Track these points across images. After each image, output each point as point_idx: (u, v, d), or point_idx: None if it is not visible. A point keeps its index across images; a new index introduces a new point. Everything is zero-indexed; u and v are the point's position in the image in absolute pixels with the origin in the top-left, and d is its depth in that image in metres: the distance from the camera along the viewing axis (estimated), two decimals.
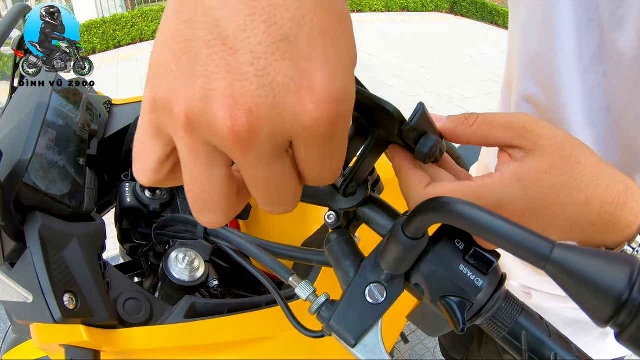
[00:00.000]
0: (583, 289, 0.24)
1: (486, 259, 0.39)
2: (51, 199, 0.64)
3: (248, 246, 0.53)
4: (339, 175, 0.38)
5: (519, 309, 0.42)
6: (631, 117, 0.51)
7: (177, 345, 0.63)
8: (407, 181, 0.41)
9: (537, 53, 0.56)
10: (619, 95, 0.51)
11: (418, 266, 0.40)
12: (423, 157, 0.38)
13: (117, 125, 0.98)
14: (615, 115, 0.52)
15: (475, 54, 6.97)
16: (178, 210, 0.87)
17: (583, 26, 0.50)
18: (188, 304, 0.67)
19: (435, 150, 0.37)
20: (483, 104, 5.12)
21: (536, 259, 0.26)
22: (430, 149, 0.37)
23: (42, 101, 0.70)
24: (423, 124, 0.36)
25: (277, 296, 0.53)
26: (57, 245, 0.62)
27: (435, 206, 0.31)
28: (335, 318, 0.42)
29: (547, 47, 0.54)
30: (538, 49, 0.56)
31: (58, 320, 0.56)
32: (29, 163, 0.60)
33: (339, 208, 0.47)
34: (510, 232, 0.27)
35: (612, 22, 0.48)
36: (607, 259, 0.24)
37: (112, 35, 7.00)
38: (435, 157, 0.39)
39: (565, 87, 0.54)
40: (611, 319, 0.24)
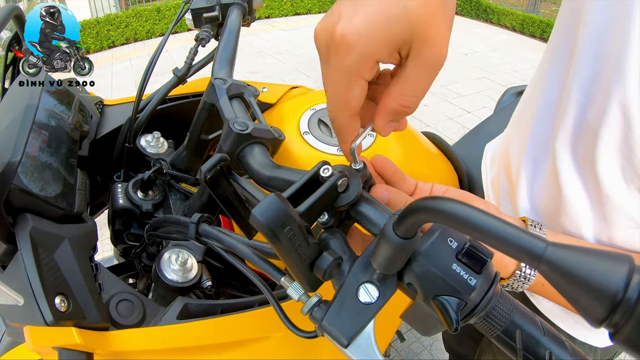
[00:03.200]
0: (577, 289, 0.24)
1: (479, 257, 0.38)
2: (42, 201, 0.64)
3: (239, 246, 0.53)
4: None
5: (513, 307, 0.41)
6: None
7: (170, 347, 0.62)
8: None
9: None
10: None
11: (410, 265, 0.40)
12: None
13: (108, 126, 0.97)
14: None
15: (469, 52, 6.98)
16: (170, 211, 0.87)
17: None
18: (181, 305, 0.67)
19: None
20: (477, 102, 5.12)
21: (529, 258, 0.25)
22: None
23: (31, 102, 0.70)
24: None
25: (270, 296, 0.52)
26: (48, 247, 0.62)
27: (427, 205, 0.31)
28: (327, 318, 0.42)
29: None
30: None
31: (50, 322, 0.55)
32: (19, 165, 0.60)
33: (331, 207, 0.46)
34: (503, 230, 0.26)
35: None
36: (602, 257, 0.24)
37: (106, 36, 6.99)
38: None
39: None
40: (605, 320, 0.23)
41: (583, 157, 0.63)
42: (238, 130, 0.58)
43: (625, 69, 0.53)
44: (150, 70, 0.88)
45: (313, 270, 0.43)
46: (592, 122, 0.59)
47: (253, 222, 0.36)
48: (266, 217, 0.36)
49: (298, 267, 0.41)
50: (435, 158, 1.00)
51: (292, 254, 0.40)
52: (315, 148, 0.80)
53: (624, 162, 0.57)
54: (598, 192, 0.63)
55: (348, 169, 0.48)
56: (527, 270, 0.59)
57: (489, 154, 1.00)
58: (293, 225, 0.38)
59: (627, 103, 0.54)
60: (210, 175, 0.46)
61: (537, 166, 0.74)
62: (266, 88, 0.91)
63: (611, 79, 0.55)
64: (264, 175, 0.55)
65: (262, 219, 0.36)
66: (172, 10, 7.56)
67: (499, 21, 8.80)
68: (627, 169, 0.57)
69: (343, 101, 0.43)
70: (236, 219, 0.52)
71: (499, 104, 1.71)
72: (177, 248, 0.77)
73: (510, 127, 0.88)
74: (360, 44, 0.39)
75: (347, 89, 0.43)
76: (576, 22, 0.63)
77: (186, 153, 0.89)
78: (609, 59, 0.56)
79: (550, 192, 0.70)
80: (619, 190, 0.60)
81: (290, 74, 5.74)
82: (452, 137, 4.22)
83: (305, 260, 0.42)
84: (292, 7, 9.06)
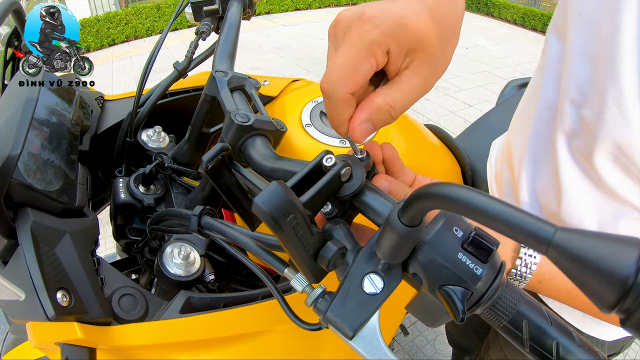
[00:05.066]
0: (587, 274, 0.23)
1: (485, 246, 0.38)
2: (42, 195, 0.63)
3: (242, 238, 0.52)
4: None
5: (520, 297, 0.41)
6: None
7: (173, 341, 0.62)
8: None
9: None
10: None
11: (415, 255, 0.40)
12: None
13: (109, 120, 0.97)
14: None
15: (470, 46, 6.95)
16: (172, 205, 0.86)
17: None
18: (183, 299, 0.66)
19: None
20: (479, 96, 5.11)
21: (537, 244, 0.25)
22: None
23: (31, 96, 0.69)
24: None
25: (273, 289, 0.52)
26: (49, 242, 0.61)
27: (433, 192, 0.30)
28: (332, 310, 0.42)
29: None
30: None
31: (51, 317, 0.55)
32: (18, 158, 0.59)
33: (334, 197, 0.46)
34: (510, 215, 0.26)
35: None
36: (612, 241, 0.23)
37: (106, 33, 6.98)
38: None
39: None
40: (616, 305, 0.23)
41: (582, 154, 0.63)
42: (240, 122, 0.58)
43: (618, 65, 0.53)
44: (150, 64, 0.88)
45: (317, 261, 0.42)
46: (589, 120, 0.59)
47: (256, 210, 0.36)
48: (269, 205, 0.35)
49: (302, 257, 0.41)
50: (438, 150, 0.99)
51: (296, 243, 0.39)
52: (318, 140, 0.80)
53: (625, 160, 0.57)
54: (599, 186, 0.63)
55: (351, 158, 0.47)
56: (523, 269, 0.60)
57: (494, 152, 1.00)
58: (296, 214, 0.37)
59: (623, 101, 0.53)
60: (211, 165, 0.45)
61: (538, 162, 0.74)
62: (267, 81, 0.90)
63: (606, 77, 0.55)
64: (266, 167, 0.54)
65: (264, 207, 0.35)
66: (172, 7, 7.54)
67: (499, 15, 8.77)
68: (631, 168, 0.57)
69: (350, 71, 0.43)
70: (238, 210, 0.51)
71: (501, 97, 1.70)
72: (179, 242, 0.77)
73: (513, 123, 0.88)
74: (386, 24, 0.42)
75: (360, 59, 0.42)
76: (567, 20, 0.64)
77: (187, 147, 0.88)
78: (601, 56, 0.56)
79: (551, 187, 0.70)
80: (620, 184, 0.60)
81: (291, 69, 5.72)
82: (455, 131, 4.20)
83: (309, 250, 0.41)
84: (293, 3, 9.03)
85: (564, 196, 0.68)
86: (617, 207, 0.63)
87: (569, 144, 0.65)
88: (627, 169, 0.58)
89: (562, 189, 0.67)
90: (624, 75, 0.53)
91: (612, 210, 0.64)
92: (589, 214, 0.66)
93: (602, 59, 0.56)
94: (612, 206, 0.64)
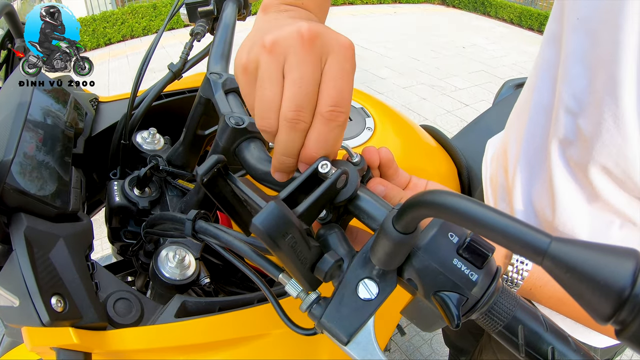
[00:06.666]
0: (582, 285, 0.23)
1: (481, 252, 0.38)
2: (36, 200, 0.63)
3: (237, 243, 0.52)
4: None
5: (515, 303, 0.41)
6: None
7: (169, 345, 0.62)
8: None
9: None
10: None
11: (410, 261, 0.39)
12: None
13: (104, 123, 0.96)
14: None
15: (467, 45, 6.96)
16: (167, 208, 0.86)
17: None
18: (178, 303, 0.66)
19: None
20: (476, 95, 5.12)
21: (533, 254, 0.24)
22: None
23: (23, 100, 0.69)
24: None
25: (268, 294, 0.52)
26: (43, 246, 0.61)
27: (427, 200, 0.30)
28: (326, 316, 0.41)
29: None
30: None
31: (46, 323, 0.54)
32: (11, 163, 0.59)
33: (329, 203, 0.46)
34: (505, 225, 0.25)
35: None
36: (608, 252, 0.23)
37: (103, 33, 6.95)
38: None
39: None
40: (612, 317, 0.22)
41: (577, 164, 0.62)
42: (234, 125, 0.58)
43: (618, 77, 0.51)
44: (145, 65, 0.87)
45: (314, 272, 0.42)
46: (585, 131, 0.58)
47: (254, 231, 0.36)
48: (267, 226, 0.35)
49: (299, 271, 0.41)
50: (434, 151, 0.99)
51: (294, 259, 0.39)
52: None
53: (622, 175, 0.56)
54: (593, 198, 0.62)
55: (346, 164, 0.47)
56: (515, 275, 0.59)
57: (490, 151, 0.99)
58: (294, 233, 0.37)
59: (620, 114, 0.52)
60: (207, 178, 0.45)
61: (533, 169, 0.74)
62: None
63: (604, 88, 0.54)
64: (261, 171, 0.54)
65: (263, 229, 0.35)
66: (168, 6, 7.52)
67: (496, 14, 8.79)
68: (627, 183, 0.56)
69: (350, 93, 0.43)
70: (233, 217, 0.51)
71: (498, 97, 1.70)
72: (174, 245, 0.77)
73: (508, 125, 0.87)
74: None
75: (351, 78, 0.43)
76: (563, 24, 0.62)
77: (182, 149, 0.88)
78: (600, 65, 0.54)
79: (546, 194, 0.70)
80: (615, 196, 0.60)
81: None
82: (451, 131, 4.21)
83: (306, 263, 0.41)
84: None
85: (557, 204, 0.67)
86: (611, 216, 0.63)
87: (564, 152, 0.64)
88: (622, 183, 0.57)
89: (555, 197, 0.67)
90: (623, 87, 0.51)
91: (605, 220, 0.64)
92: (582, 222, 0.66)
93: (600, 68, 0.54)
94: (605, 215, 0.63)
